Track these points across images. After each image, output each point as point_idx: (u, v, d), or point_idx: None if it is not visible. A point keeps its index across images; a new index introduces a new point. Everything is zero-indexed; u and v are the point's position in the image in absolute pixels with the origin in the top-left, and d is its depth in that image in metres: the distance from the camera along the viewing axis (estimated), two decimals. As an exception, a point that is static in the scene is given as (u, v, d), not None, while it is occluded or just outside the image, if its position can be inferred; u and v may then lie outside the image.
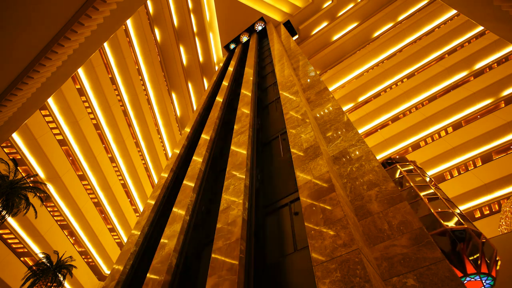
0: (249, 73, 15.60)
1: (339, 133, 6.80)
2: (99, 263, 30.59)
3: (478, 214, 18.80)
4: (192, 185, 8.69)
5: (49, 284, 21.33)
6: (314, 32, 31.58)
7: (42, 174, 24.03)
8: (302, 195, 4.87)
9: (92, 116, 27.17)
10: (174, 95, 36.07)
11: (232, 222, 5.58)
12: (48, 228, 24.52)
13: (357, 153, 5.81)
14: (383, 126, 25.71)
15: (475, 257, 7.47)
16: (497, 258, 7.76)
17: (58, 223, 25.99)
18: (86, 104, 26.31)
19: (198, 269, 6.45)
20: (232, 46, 32.44)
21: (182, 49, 32.06)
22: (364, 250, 3.55)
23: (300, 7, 30.28)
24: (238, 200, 6.12)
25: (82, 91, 25.61)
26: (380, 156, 24.40)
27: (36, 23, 8.84)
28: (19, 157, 22.51)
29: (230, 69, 21.59)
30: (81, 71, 25.07)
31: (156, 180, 37.20)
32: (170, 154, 38.70)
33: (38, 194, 19.11)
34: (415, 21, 26.76)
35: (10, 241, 23.47)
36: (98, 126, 27.97)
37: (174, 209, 8.29)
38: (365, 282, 3.01)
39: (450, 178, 20.55)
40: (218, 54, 33.29)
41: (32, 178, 21.10)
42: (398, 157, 15.03)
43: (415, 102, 24.71)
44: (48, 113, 23.39)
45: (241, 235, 5.10)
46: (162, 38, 31.16)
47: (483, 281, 7.45)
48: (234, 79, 19.80)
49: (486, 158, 19.89)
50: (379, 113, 25.95)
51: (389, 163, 12.05)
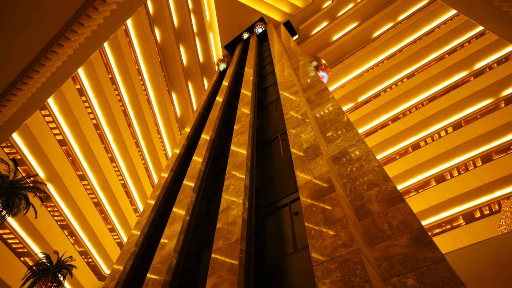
0: (249, 73, 15.60)
1: (339, 133, 6.80)
2: (99, 263, 30.60)
3: (478, 214, 18.78)
4: (192, 185, 8.69)
5: (49, 284, 21.33)
6: (314, 32, 31.55)
7: (42, 174, 24.04)
8: (302, 195, 4.87)
9: (92, 116, 27.17)
10: (174, 95, 36.07)
11: (232, 222, 5.58)
12: (48, 228, 24.53)
13: (357, 153, 5.80)
14: (383, 126, 25.69)
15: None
16: None
17: (58, 223, 26.00)
18: (86, 104, 26.32)
19: (198, 269, 6.45)
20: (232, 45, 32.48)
21: (182, 49, 32.06)
22: (364, 250, 3.55)
23: (300, 7, 30.27)
24: (238, 200, 6.12)
25: (82, 91, 25.62)
26: (380, 156, 24.38)
27: (36, 23, 8.85)
28: (19, 157, 22.52)
29: (230, 69, 21.59)
30: (81, 71, 25.08)
31: (156, 180, 37.21)
32: (170, 154, 38.69)
33: (38, 194, 19.12)
34: (415, 21, 26.74)
35: (10, 241, 23.47)
36: (98, 126, 27.98)
37: (174, 209, 8.30)
38: (365, 282, 3.01)
39: (450, 178, 20.54)
40: (218, 54, 33.28)
41: (32, 178, 21.11)
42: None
43: (415, 102, 24.69)
44: (48, 113, 23.40)
45: (241, 235, 5.10)
46: (162, 38, 31.17)
47: None
48: (234, 79, 19.81)
49: (486, 158, 19.87)
50: (379, 113, 25.93)
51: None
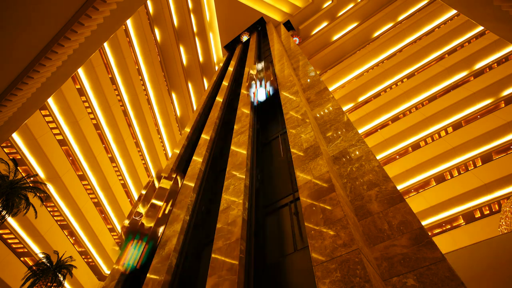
0: (249, 73, 15.57)
1: (339, 133, 6.79)
2: (99, 263, 30.60)
3: (478, 214, 18.78)
4: (192, 185, 8.69)
5: (49, 284, 21.33)
6: (314, 32, 31.57)
7: (42, 174, 24.04)
8: (302, 195, 4.87)
9: (92, 116, 27.17)
10: (174, 95, 36.07)
11: (232, 222, 5.58)
12: (48, 228, 24.52)
13: (357, 153, 5.80)
14: (383, 126, 25.68)
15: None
16: None
17: (58, 223, 26.00)
18: (86, 104, 26.32)
19: (198, 269, 6.45)
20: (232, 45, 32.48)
21: (182, 49, 32.06)
22: (364, 250, 3.55)
23: (300, 7, 30.28)
24: (238, 200, 6.12)
25: (82, 91, 25.62)
26: (380, 156, 24.38)
27: (36, 23, 8.84)
28: (19, 157, 22.52)
29: (230, 69, 21.59)
30: (81, 71, 25.08)
31: (156, 180, 37.09)
32: (170, 154, 38.69)
33: (38, 194, 19.12)
34: (415, 21, 26.74)
35: (10, 241, 23.47)
36: (98, 126, 27.97)
37: (174, 209, 8.30)
38: (365, 282, 3.01)
39: (450, 178, 20.53)
40: (218, 54, 33.30)
41: (32, 178, 21.10)
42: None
43: (415, 102, 24.68)
44: (48, 113, 23.40)
45: (241, 235, 5.10)
46: (162, 38, 31.17)
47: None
48: (234, 79, 19.80)
49: (486, 158, 19.87)
50: (379, 113, 25.92)
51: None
